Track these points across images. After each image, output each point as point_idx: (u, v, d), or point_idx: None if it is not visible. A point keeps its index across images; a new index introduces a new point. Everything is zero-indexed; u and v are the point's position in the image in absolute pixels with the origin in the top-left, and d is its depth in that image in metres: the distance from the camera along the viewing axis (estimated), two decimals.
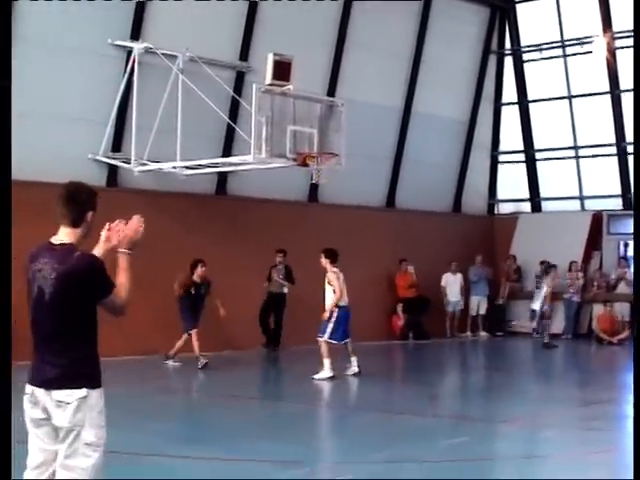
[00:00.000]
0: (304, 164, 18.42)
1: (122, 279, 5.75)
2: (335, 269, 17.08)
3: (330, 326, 16.89)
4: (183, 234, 20.36)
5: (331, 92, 23.26)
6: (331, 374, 16.71)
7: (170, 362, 18.72)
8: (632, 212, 26.78)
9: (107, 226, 5.99)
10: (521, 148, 28.75)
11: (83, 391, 5.54)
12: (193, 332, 18.48)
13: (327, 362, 16.75)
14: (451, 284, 26.44)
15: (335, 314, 16.96)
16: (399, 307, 25.38)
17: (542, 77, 28.14)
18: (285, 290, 21.40)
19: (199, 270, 18.76)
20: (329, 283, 17.07)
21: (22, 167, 18.16)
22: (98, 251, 5.95)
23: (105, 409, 5.70)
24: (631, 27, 25.00)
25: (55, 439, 5.61)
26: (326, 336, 16.81)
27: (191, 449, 10.59)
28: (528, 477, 9.96)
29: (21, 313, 11.52)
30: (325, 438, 12.98)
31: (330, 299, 17.00)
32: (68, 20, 18.93)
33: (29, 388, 5.67)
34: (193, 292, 18.73)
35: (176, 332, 18.81)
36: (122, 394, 13.08)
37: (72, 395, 5.53)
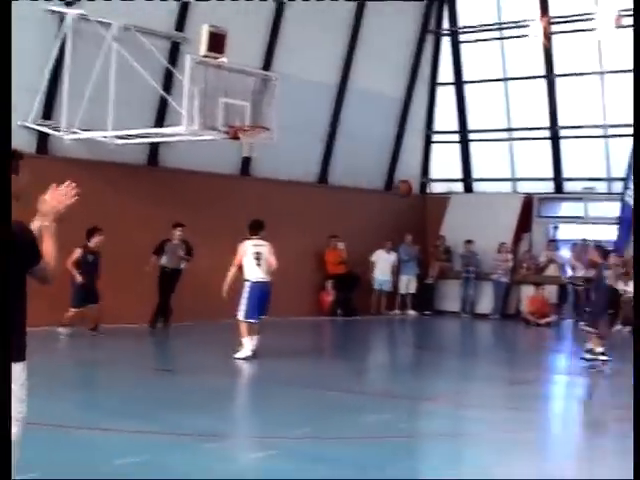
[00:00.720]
0: (235, 137, 18.32)
1: (48, 248, 5.62)
2: (250, 241, 16.27)
3: (244, 303, 16.19)
4: (114, 204, 20.15)
5: (266, 67, 23.13)
6: (250, 353, 16.22)
7: (95, 333, 18.64)
8: (562, 195, 27.19)
9: (52, 193, 5.75)
10: (455, 128, 28.87)
11: None
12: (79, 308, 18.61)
13: (245, 341, 16.24)
14: (382, 262, 26.49)
15: (247, 290, 16.27)
16: (328, 283, 25.41)
17: (478, 58, 28.23)
18: (182, 265, 20.58)
19: (96, 239, 18.65)
20: None
21: None
22: (36, 224, 5.80)
23: (27, 382, 5.58)
24: (568, 13, 25.59)
25: None
26: (241, 316, 16.20)
27: (111, 422, 10.49)
28: (451, 455, 10.01)
29: None
30: (247, 413, 12.96)
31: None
32: None
33: None
34: (90, 261, 18.66)
35: (105, 300, 18.80)
36: (44, 364, 12.91)
37: None
